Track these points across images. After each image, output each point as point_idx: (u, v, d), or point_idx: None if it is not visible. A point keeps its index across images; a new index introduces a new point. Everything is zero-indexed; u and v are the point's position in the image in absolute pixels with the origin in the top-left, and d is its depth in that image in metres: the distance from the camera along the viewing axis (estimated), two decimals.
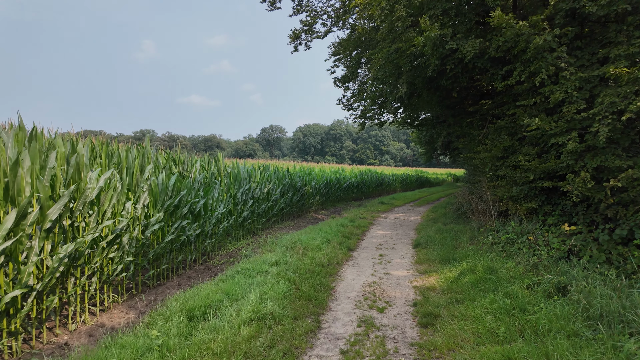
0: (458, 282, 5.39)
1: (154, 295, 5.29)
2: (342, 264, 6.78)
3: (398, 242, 8.83)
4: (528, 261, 5.81)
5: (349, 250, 7.79)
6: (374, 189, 23.65)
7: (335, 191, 17.74)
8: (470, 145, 10.46)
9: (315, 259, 6.47)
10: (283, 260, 6.21)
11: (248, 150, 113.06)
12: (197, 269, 6.69)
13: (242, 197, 8.70)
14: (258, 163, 13.17)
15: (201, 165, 8.80)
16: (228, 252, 7.87)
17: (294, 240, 7.75)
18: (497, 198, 8.68)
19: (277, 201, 11.17)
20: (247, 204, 8.95)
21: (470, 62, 7.06)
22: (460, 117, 10.87)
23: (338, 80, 12.63)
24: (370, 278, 5.96)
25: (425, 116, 17.23)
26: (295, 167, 23.29)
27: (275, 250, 7.14)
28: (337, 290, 5.38)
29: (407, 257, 7.42)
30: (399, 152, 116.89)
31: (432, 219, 12.09)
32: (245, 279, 5.24)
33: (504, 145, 7.90)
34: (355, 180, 20.64)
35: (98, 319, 4.39)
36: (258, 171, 10.08)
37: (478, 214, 9.92)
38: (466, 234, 8.65)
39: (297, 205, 13.07)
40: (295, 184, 12.73)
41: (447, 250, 7.21)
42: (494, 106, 8.41)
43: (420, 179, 35.30)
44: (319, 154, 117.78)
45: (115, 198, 4.66)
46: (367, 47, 11.23)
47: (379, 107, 12.19)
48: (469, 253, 6.77)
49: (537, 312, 4.14)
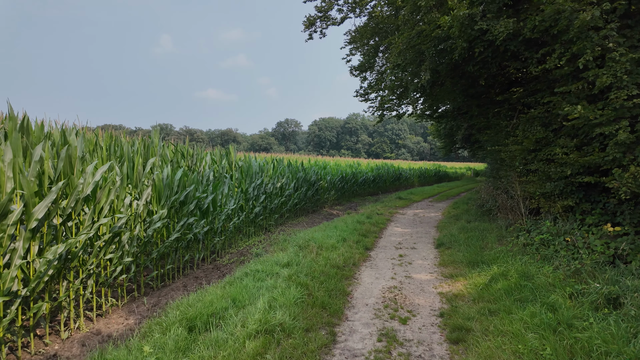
0: (489, 289, 4.83)
1: (157, 298, 4.94)
2: (359, 265, 6.30)
3: (419, 241, 8.28)
4: (568, 266, 5.20)
5: (366, 250, 7.30)
6: (390, 184, 23.00)
7: (351, 186, 17.21)
8: (497, 137, 9.76)
9: (330, 260, 6.01)
10: (295, 261, 5.77)
11: (264, 144, 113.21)
12: (206, 269, 6.32)
13: (253, 192, 8.30)
14: (271, 157, 12.76)
15: (212, 159, 8.43)
16: (239, 250, 7.49)
17: (308, 239, 7.30)
18: (528, 194, 8.01)
19: (291, 196, 10.75)
20: (259, 200, 8.55)
21: (502, 45, 6.40)
22: (486, 108, 10.16)
23: (354, 69, 12.02)
24: (390, 282, 5.46)
25: (446, 108, 16.44)
26: (310, 161, 22.83)
27: (287, 249, 6.71)
28: (354, 295, 4.91)
29: (430, 258, 6.87)
30: (416, 146, 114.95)
31: (454, 215, 11.45)
32: (254, 282, 4.82)
33: (537, 137, 7.21)
34: (371, 174, 20.05)
35: (94, 326, 4.05)
36: (271, 165, 9.65)
37: (505, 211, 9.25)
38: (493, 233, 8.03)
39: (311, 200, 12.63)
40: (309, 179, 12.27)
41: (473, 251, 6.64)
42: (526, 94, 7.71)
43: (439, 173, 34.35)
44: (335, 148, 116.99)
45: (114, 194, 4.29)
46: (386, 35, 10.59)
47: (398, 98, 11.55)
48: (499, 255, 6.18)
49: (587, 329, 3.57)
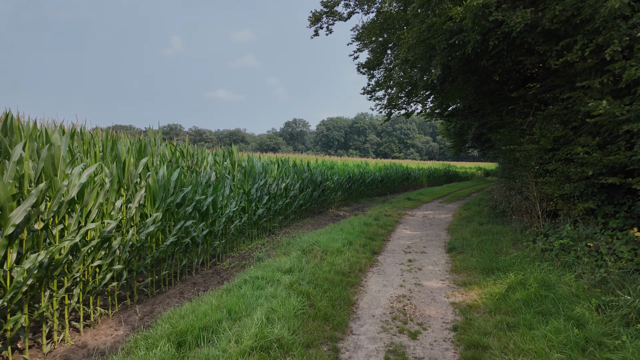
0: (507, 299, 4.46)
1: (152, 306, 4.67)
2: (365, 271, 5.96)
3: (429, 245, 7.90)
4: (592, 274, 4.80)
5: (373, 254, 6.95)
6: (399, 184, 22.57)
7: (359, 186, 16.86)
8: (511, 136, 9.32)
9: (334, 266, 5.68)
10: (298, 266, 5.46)
11: (272, 144, 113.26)
12: (205, 274, 6.05)
13: (256, 193, 8.01)
14: (276, 157, 12.48)
15: (214, 159, 8.17)
16: (240, 253, 7.21)
17: (312, 242, 6.99)
18: (545, 196, 7.58)
19: (296, 197, 10.45)
20: (262, 201, 8.26)
21: (518, 37, 6.00)
22: (499, 105, 9.73)
23: (362, 66, 11.67)
24: (399, 290, 5.12)
25: (456, 106, 15.99)
26: (317, 161, 22.51)
27: (290, 254, 6.41)
28: (360, 305, 4.58)
29: (441, 263, 6.50)
30: (425, 146, 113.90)
31: (466, 217, 11.02)
32: (253, 290, 4.52)
33: (555, 135, 6.80)
34: (379, 174, 19.66)
35: (81, 338, 3.79)
36: (275, 165, 9.36)
37: (520, 214, 8.82)
38: (507, 237, 7.63)
39: (317, 201, 12.32)
40: (315, 179, 11.96)
41: (487, 256, 6.25)
42: (543, 90, 7.28)
43: (449, 173, 33.76)
44: (343, 148, 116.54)
45: (103, 196, 4.02)
46: (394, 31, 10.23)
47: (407, 95, 11.17)
48: (515, 261, 5.79)
49: (619, 348, 3.19)
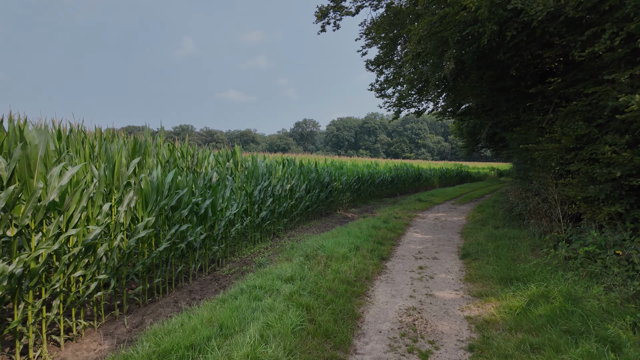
0: (528, 314, 4.03)
1: (142, 317, 4.36)
2: (372, 279, 5.57)
3: (441, 250, 7.46)
4: (625, 286, 4.33)
5: (381, 260, 6.55)
6: (410, 185, 22.05)
7: (368, 187, 16.43)
8: (528, 134, 8.80)
9: (339, 274, 5.31)
10: (300, 274, 5.10)
11: (282, 144, 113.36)
12: (203, 280, 5.74)
13: (259, 195, 7.68)
14: (282, 157, 12.16)
15: (215, 160, 7.87)
16: (242, 258, 6.89)
17: (317, 247, 6.63)
18: (566, 199, 7.09)
19: (302, 199, 10.10)
20: (265, 203, 7.93)
21: (539, 27, 5.54)
22: (516, 102, 9.21)
23: (370, 63, 11.26)
24: (409, 301, 4.72)
25: (469, 105, 15.43)
26: (326, 162, 22.10)
27: (293, 259, 6.05)
28: (366, 319, 4.20)
29: (454, 270, 6.07)
30: (436, 146, 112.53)
31: (480, 220, 10.52)
32: (249, 301, 4.18)
33: (578, 133, 6.30)
34: (389, 175, 19.19)
35: (61, 353, 3.50)
36: (280, 166, 9.02)
37: (538, 217, 8.32)
38: (525, 242, 7.15)
39: (324, 203, 11.95)
40: (322, 180, 11.59)
41: (505, 264, 5.79)
42: (564, 85, 6.78)
43: (461, 173, 33.03)
44: (353, 148, 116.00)
45: (87, 199, 3.73)
46: (404, 27, 9.80)
47: (417, 93, 10.72)
48: (535, 270, 5.33)
49: None
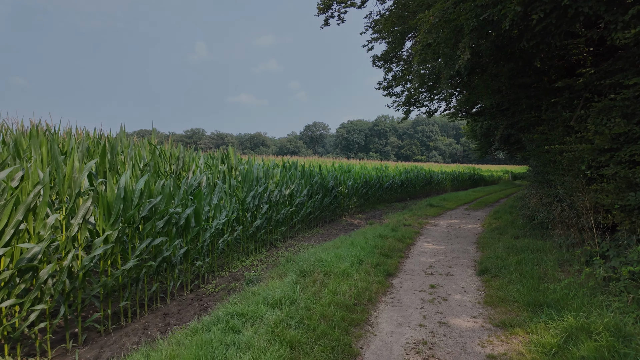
0: (567, 355, 3.22)
1: (100, 350, 3.69)
2: (376, 301, 4.81)
3: (455, 264, 6.65)
4: None
5: (387, 277, 5.78)
6: (420, 189, 21.16)
7: (376, 191, 15.64)
8: (552, 134, 7.94)
9: (337, 295, 4.57)
10: (290, 296, 4.37)
11: (292, 147, 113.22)
12: (183, 300, 5.06)
13: (253, 201, 6.99)
14: (283, 159, 11.48)
15: (206, 163, 7.22)
16: (232, 272, 6.20)
17: (314, 260, 5.89)
18: (599, 206, 6.22)
19: (303, 205, 9.38)
20: (260, 210, 7.24)
21: (571, 7, 4.73)
22: (537, 99, 8.35)
23: (377, 59, 10.50)
24: (418, 332, 3.94)
25: (482, 106, 14.54)
26: (334, 165, 21.38)
27: (286, 276, 5.34)
28: (365, 357, 3.44)
29: (471, 290, 5.27)
30: (448, 148, 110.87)
31: (497, 228, 9.65)
32: (224, 334, 3.46)
33: (615, 131, 5.44)
34: (399, 178, 18.36)
35: None
36: (278, 170, 8.32)
37: (564, 227, 7.44)
38: (551, 256, 6.30)
39: (328, 208, 11.21)
40: (326, 184, 10.86)
41: (530, 283, 4.97)
42: (598, 77, 5.94)
43: (474, 176, 31.92)
44: (363, 151, 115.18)
45: (23, 212, 3.08)
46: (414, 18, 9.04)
47: (428, 90, 9.93)
48: (569, 292, 4.50)
49: None
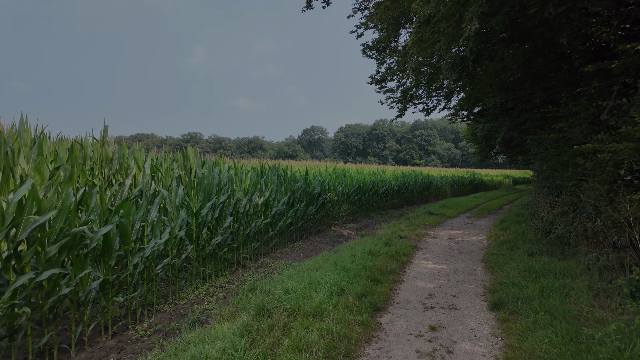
0: None
1: None
2: (355, 356, 3.49)
3: (461, 292, 5.35)
4: None
5: (374, 314, 4.47)
6: (418, 194, 19.88)
7: (370, 198, 14.35)
8: (573, 132, 6.69)
9: (299, 352, 3.26)
10: (232, 356, 3.06)
11: (290, 151, 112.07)
12: (98, 350, 3.74)
13: (212, 214, 5.68)
14: (260, 163, 10.20)
15: (153, 166, 5.91)
16: (178, 305, 4.89)
17: (281, 292, 4.57)
18: None
19: (283, 215, 8.08)
20: (222, 224, 5.93)
21: None
22: (555, 91, 7.10)
23: (368, 48, 9.22)
24: None
25: (485, 105, 13.32)
26: (327, 169, 20.13)
27: (239, 316, 4.03)
28: None
29: (484, 334, 3.96)
30: (447, 152, 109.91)
31: (506, 242, 8.37)
32: None
33: None
34: (395, 183, 17.08)
35: None
36: (248, 174, 7.01)
37: (592, 244, 6.18)
38: (581, 283, 5.03)
39: (314, 218, 9.92)
40: (311, 191, 9.57)
41: (566, 329, 3.66)
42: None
43: (474, 181, 30.66)
44: (361, 155, 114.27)
45: None
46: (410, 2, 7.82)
47: (426, 83, 8.67)
48: (621, 345, 3.22)
49: None
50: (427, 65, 7.82)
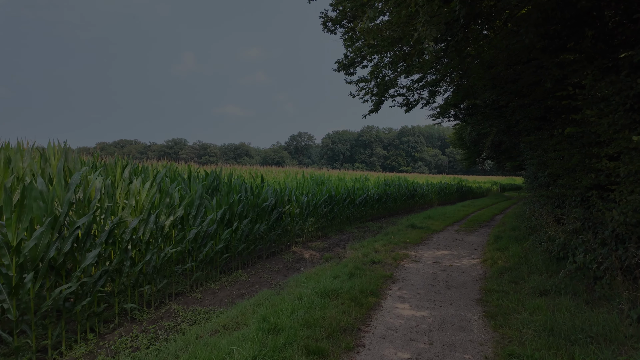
0: None
1: None
2: None
3: None
4: None
5: None
6: (402, 203, 17.97)
7: (344, 208, 12.33)
8: (602, 124, 4.85)
9: None
10: None
11: (276, 158, 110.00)
12: None
13: (51, 247, 3.56)
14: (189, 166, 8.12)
15: None
16: None
17: None
18: None
19: (213, 237, 5.99)
20: (81, 263, 3.82)
21: None
22: (574, 69, 5.25)
23: (330, 20, 7.20)
24: None
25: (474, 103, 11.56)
26: (304, 175, 18.21)
27: None
28: None
29: None
30: (433, 159, 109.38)
31: (507, 269, 6.45)
32: None
33: None
34: (376, 191, 15.13)
35: None
36: (146, 184, 4.89)
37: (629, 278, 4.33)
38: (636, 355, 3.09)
39: (266, 237, 7.84)
40: (260, 203, 7.51)
41: None
42: None
43: (462, 188, 28.99)
44: (349, 161, 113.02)
45: None
46: None
47: (404, 61, 6.74)
48: None
49: None
50: (402, 39, 5.92)
